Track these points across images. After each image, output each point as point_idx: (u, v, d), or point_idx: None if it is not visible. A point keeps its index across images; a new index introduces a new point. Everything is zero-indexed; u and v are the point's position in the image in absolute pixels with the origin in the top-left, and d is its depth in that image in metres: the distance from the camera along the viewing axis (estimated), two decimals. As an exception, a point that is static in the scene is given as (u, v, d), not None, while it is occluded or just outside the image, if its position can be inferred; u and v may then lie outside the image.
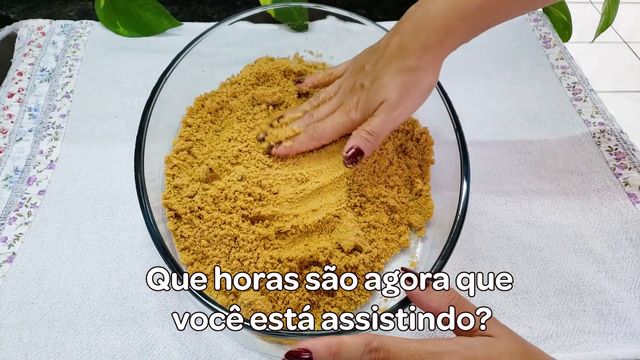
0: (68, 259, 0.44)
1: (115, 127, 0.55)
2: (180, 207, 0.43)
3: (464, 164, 0.42)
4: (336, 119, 0.45)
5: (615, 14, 0.67)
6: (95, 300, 0.42)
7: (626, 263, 0.46)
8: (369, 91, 0.43)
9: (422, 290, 0.32)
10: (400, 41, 0.42)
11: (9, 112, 0.56)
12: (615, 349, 0.40)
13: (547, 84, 0.63)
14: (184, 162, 0.47)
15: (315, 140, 0.46)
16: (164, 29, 0.67)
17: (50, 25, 0.66)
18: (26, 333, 0.39)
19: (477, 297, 0.43)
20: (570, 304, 0.43)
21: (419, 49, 0.41)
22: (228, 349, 0.39)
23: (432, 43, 0.41)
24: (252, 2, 0.74)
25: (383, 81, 0.42)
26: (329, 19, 0.66)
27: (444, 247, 0.37)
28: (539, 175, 0.53)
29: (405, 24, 0.43)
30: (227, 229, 0.41)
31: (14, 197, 0.48)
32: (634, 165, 0.53)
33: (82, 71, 0.61)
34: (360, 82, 0.44)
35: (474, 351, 0.28)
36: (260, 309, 0.37)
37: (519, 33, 0.71)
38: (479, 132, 0.57)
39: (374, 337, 0.29)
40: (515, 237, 0.48)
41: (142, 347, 0.39)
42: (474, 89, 0.62)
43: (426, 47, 0.41)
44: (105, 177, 0.50)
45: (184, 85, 0.50)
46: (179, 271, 0.35)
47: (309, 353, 0.28)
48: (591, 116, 0.59)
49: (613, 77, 1.69)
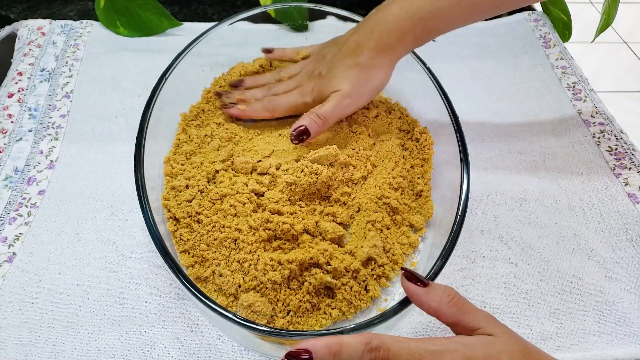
0: (68, 259, 0.44)
1: (115, 127, 0.55)
2: (178, 211, 0.42)
3: (464, 164, 0.42)
4: (292, 97, 0.49)
5: (615, 14, 0.67)
6: (95, 300, 0.42)
7: (626, 263, 0.46)
8: (323, 79, 0.47)
9: (421, 291, 0.32)
10: (357, 39, 0.46)
11: (9, 112, 0.56)
12: (615, 349, 0.40)
13: (547, 84, 0.63)
14: (182, 166, 0.47)
15: (268, 112, 0.50)
16: (164, 29, 0.67)
17: (50, 25, 0.66)
18: (26, 333, 0.39)
19: (477, 297, 0.43)
20: (570, 304, 0.43)
21: (373, 48, 0.45)
22: (228, 349, 0.39)
23: (384, 44, 0.45)
24: (252, 2, 0.74)
25: (337, 72, 0.46)
26: (329, 19, 0.66)
27: (444, 247, 0.37)
28: (539, 175, 0.53)
29: (364, 24, 0.47)
30: (226, 232, 0.41)
31: (14, 197, 0.48)
32: (634, 165, 0.53)
33: (82, 71, 0.61)
34: (318, 70, 0.49)
35: (474, 350, 0.28)
36: (260, 310, 0.37)
37: (519, 33, 0.71)
38: (479, 132, 0.57)
39: (374, 336, 0.29)
40: (515, 237, 0.48)
41: (142, 347, 0.39)
42: (474, 89, 0.62)
43: (379, 47, 0.45)
44: (105, 177, 0.50)
45: (184, 85, 0.50)
46: (179, 272, 0.35)
47: (308, 353, 0.28)
48: (591, 116, 0.59)
49: (613, 77, 1.69)
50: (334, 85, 0.46)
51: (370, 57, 0.45)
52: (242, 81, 0.54)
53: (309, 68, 0.51)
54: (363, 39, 0.46)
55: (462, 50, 0.68)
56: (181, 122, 0.51)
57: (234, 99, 0.52)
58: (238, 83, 0.54)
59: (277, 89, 0.51)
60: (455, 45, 0.69)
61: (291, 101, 0.49)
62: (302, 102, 0.49)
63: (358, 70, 0.46)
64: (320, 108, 0.46)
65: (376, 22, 0.45)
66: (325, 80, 0.47)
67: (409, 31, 0.44)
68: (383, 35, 0.45)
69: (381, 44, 0.45)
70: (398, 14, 0.44)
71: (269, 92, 0.51)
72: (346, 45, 0.47)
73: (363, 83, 0.46)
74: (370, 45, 0.45)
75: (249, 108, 0.50)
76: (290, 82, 0.51)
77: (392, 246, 0.43)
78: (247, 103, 0.51)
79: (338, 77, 0.46)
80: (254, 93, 0.52)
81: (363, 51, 0.45)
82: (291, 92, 0.50)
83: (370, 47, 0.45)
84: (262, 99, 0.51)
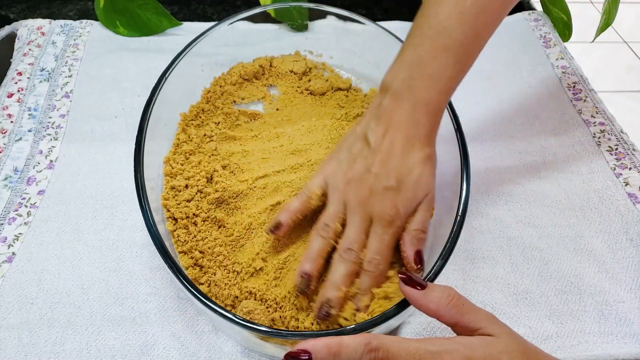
0: (68, 259, 0.44)
1: (115, 127, 0.55)
2: (177, 211, 0.42)
3: (464, 164, 0.42)
4: (386, 237, 0.38)
5: (615, 13, 0.67)
6: (95, 300, 0.42)
7: (626, 263, 0.46)
8: (403, 191, 0.38)
9: (420, 294, 0.32)
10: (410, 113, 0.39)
11: (9, 112, 0.56)
12: (615, 350, 0.40)
13: (547, 84, 0.63)
14: (182, 166, 0.47)
15: (380, 278, 0.38)
16: (164, 28, 0.66)
17: (50, 25, 0.66)
18: (26, 333, 0.39)
19: (477, 297, 0.43)
20: (570, 304, 0.43)
21: (429, 120, 0.39)
22: (228, 349, 0.39)
23: (437, 106, 0.39)
24: (252, 2, 0.74)
25: (414, 174, 0.38)
26: (329, 19, 0.66)
27: (443, 248, 0.37)
28: (539, 175, 0.53)
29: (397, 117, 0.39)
30: (219, 240, 0.41)
31: (14, 197, 0.48)
32: (634, 165, 0.53)
33: (81, 71, 0.61)
34: (380, 186, 0.38)
35: (474, 350, 0.28)
36: (258, 319, 0.37)
37: (519, 33, 0.71)
38: (479, 132, 0.57)
39: (374, 336, 0.29)
40: (516, 237, 0.48)
41: (142, 347, 0.39)
42: (474, 89, 0.62)
43: (430, 113, 0.39)
44: (105, 177, 0.50)
45: (184, 85, 0.50)
46: (179, 272, 0.35)
47: (307, 354, 0.28)
48: (591, 116, 0.59)
49: (613, 77, 1.69)
50: (422, 191, 0.39)
51: (433, 134, 0.39)
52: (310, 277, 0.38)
53: (357, 193, 0.39)
54: (414, 111, 0.38)
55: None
56: (181, 122, 0.51)
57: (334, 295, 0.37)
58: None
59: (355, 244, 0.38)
60: (455, 45, 0.68)
61: (388, 241, 0.38)
62: (397, 231, 0.39)
63: (432, 159, 0.40)
64: (417, 223, 0.39)
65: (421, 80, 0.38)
66: (409, 191, 0.38)
67: (459, 80, 0.39)
68: (435, 97, 0.38)
69: (437, 108, 0.38)
70: (447, 61, 0.37)
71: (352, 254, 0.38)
72: (395, 126, 0.38)
73: (435, 171, 0.41)
74: (429, 117, 0.38)
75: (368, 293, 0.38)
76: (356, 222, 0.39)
77: None
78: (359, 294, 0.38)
79: (422, 179, 0.38)
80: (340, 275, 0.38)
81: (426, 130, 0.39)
82: (375, 232, 0.38)
83: (428, 121, 0.39)
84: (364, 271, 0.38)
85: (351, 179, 0.39)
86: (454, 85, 0.39)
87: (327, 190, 0.41)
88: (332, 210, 0.40)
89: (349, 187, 0.39)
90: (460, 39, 0.38)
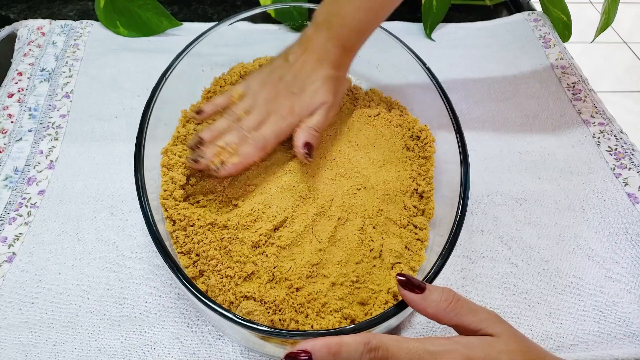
0: (68, 259, 0.44)
1: (115, 127, 0.55)
2: (174, 213, 0.42)
3: (464, 164, 0.42)
4: (275, 125, 0.46)
5: (615, 14, 0.67)
6: (95, 300, 0.42)
7: (626, 263, 0.46)
8: (303, 96, 0.46)
9: (418, 297, 0.32)
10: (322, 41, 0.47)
11: (9, 112, 0.56)
12: (615, 349, 0.40)
13: (547, 84, 0.63)
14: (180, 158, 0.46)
15: (262, 150, 0.45)
16: (164, 29, 0.67)
17: (50, 25, 0.66)
18: (26, 333, 0.39)
19: (477, 297, 0.43)
20: (570, 304, 0.43)
21: (341, 51, 0.47)
22: (228, 349, 0.39)
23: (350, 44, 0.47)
24: (252, 2, 0.74)
25: (316, 86, 0.46)
26: (328, 19, 0.66)
27: (443, 247, 0.37)
28: (539, 175, 0.53)
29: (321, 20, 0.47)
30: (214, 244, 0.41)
31: (14, 197, 0.48)
32: (634, 165, 0.53)
33: (82, 71, 0.61)
34: (286, 91, 0.46)
35: (474, 350, 0.28)
36: (258, 320, 0.37)
37: (519, 33, 0.71)
38: (479, 132, 0.57)
39: (373, 336, 0.29)
40: (515, 237, 0.48)
41: (142, 347, 0.39)
42: (474, 89, 0.62)
43: (345, 47, 0.47)
44: (105, 177, 0.50)
45: (184, 85, 0.50)
46: (179, 272, 0.35)
47: (307, 354, 0.28)
48: (591, 116, 0.59)
49: (613, 77, 1.69)
50: (318, 99, 0.46)
51: (340, 62, 0.47)
52: (201, 139, 0.45)
53: (268, 94, 0.47)
54: (327, 41, 0.46)
55: (462, 50, 0.68)
56: (181, 119, 0.51)
57: (212, 152, 0.44)
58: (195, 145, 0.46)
59: (249, 124, 0.45)
60: (455, 46, 0.69)
61: (276, 128, 0.45)
62: (286, 124, 0.46)
63: (335, 80, 0.47)
64: (312, 122, 0.46)
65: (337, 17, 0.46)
66: (307, 97, 0.46)
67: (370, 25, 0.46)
68: (346, 33, 0.46)
69: (347, 43, 0.46)
70: (359, 5, 0.45)
71: (242, 131, 0.45)
72: (310, 49, 0.46)
73: (340, 91, 0.49)
74: (338, 48, 0.46)
75: (239, 155, 0.44)
76: (257, 113, 0.46)
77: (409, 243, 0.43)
78: (230, 153, 0.44)
79: (320, 90, 0.46)
80: (228, 139, 0.45)
81: (334, 57, 0.46)
82: (269, 120, 0.46)
83: (338, 51, 0.46)
84: (244, 140, 0.45)
85: (265, 83, 0.47)
86: (366, 27, 0.47)
87: (247, 91, 0.48)
88: (243, 104, 0.47)
89: (262, 89, 0.47)
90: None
